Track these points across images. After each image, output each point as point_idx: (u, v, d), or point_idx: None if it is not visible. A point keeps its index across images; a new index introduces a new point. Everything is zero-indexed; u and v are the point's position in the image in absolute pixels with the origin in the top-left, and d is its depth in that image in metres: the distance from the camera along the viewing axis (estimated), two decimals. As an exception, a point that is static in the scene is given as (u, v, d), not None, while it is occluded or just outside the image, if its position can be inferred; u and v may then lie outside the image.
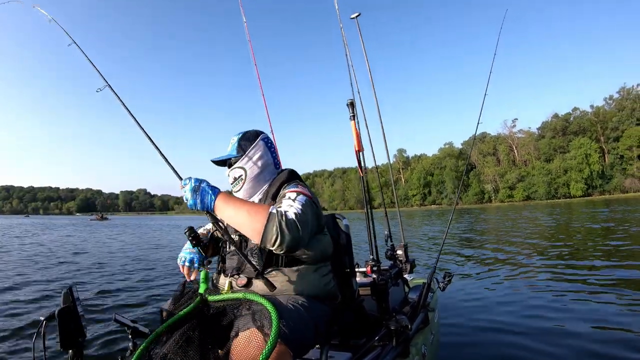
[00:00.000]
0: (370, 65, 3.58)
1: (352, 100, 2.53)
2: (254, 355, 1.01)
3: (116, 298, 5.25)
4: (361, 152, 2.55)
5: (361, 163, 2.56)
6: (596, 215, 18.29)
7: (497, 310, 3.89)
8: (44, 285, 5.99)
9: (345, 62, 3.17)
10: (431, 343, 2.28)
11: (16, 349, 3.27)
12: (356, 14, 3.56)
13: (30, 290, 5.61)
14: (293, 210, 1.21)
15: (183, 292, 1.39)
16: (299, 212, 1.21)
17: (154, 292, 5.64)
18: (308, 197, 1.34)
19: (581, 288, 4.58)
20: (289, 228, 1.14)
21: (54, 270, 7.65)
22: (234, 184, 1.53)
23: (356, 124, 2.52)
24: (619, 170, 62.33)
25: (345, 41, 3.27)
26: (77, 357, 1.23)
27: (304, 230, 1.19)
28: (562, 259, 6.71)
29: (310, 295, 1.34)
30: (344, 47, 3.25)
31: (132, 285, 6.12)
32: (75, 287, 1.30)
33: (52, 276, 6.88)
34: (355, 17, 3.57)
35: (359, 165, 2.56)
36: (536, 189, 66.90)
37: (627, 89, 65.86)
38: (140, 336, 1.41)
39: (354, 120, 2.52)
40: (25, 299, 5.04)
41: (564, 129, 70.18)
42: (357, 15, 3.56)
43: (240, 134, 1.58)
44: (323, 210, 1.56)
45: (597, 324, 3.25)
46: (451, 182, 76.74)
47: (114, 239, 17.16)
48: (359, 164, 2.56)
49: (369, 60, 3.59)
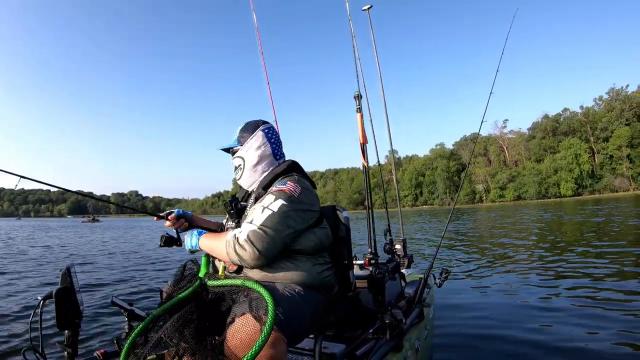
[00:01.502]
0: (379, 59, 3.54)
1: (358, 93, 2.50)
2: (249, 341, 1.02)
3: (114, 281, 5.30)
4: (365, 145, 2.54)
5: (365, 154, 2.55)
6: (596, 212, 18.38)
7: (493, 309, 3.90)
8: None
9: (353, 54, 3.13)
10: (425, 338, 2.29)
11: (13, 327, 3.30)
12: (368, 6, 3.47)
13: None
14: (248, 229, 1.28)
15: (183, 274, 1.41)
16: (257, 229, 1.27)
17: (153, 277, 5.69)
18: (289, 196, 1.35)
19: (578, 284, 4.60)
20: (243, 249, 1.24)
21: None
22: (235, 172, 1.60)
23: (362, 116, 2.51)
24: (609, 169, 63.29)
25: (353, 34, 3.22)
26: (73, 337, 1.24)
27: (263, 242, 1.25)
28: (558, 256, 6.72)
29: (305, 284, 1.35)
30: (352, 39, 3.19)
31: (131, 271, 6.18)
32: (73, 267, 1.30)
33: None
34: (367, 9, 3.48)
35: (362, 156, 2.55)
36: (527, 189, 67.86)
37: (617, 90, 66.86)
38: (137, 319, 1.42)
39: (360, 112, 2.50)
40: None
41: (554, 129, 71.17)
42: (369, 8, 3.47)
43: (243, 125, 1.63)
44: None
45: (597, 324, 3.26)
46: (443, 182, 77.97)
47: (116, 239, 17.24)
48: (363, 155, 2.55)
49: (378, 54, 3.55)
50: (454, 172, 79.77)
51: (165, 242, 1.53)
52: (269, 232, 1.26)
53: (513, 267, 6.23)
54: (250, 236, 1.25)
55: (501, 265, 6.56)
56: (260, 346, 0.98)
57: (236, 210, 1.51)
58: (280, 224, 1.29)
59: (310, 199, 1.43)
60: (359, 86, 2.98)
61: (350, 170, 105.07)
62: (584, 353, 2.74)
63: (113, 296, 1.49)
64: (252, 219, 1.31)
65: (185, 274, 1.43)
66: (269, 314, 1.03)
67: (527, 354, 2.78)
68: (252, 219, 1.31)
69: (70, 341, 1.23)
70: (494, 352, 2.84)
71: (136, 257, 9.04)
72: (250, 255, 1.23)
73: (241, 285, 1.20)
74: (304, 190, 1.42)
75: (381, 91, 3.55)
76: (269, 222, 1.28)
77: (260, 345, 0.98)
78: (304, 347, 1.61)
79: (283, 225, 1.30)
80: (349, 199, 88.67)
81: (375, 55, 3.55)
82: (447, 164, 79.72)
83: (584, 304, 3.86)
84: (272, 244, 1.26)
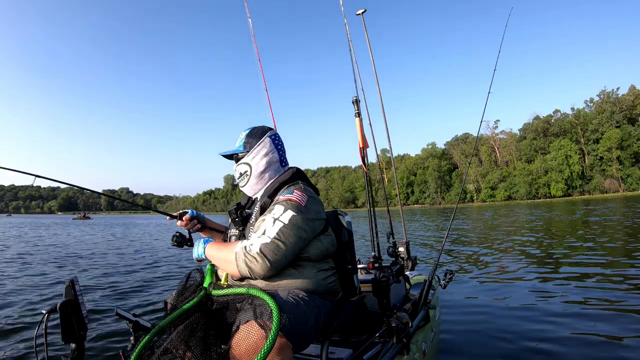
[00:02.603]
0: (374, 63, 3.56)
1: (356, 98, 2.50)
2: (255, 349, 1.02)
3: (118, 292, 5.28)
4: (366, 149, 2.54)
5: (365, 160, 2.55)
6: (590, 212, 18.36)
7: (499, 309, 3.88)
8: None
9: (350, 58, 3.13)
10: (432, 340, 2.28)
11: (18, 342, 3.28)
12: (362, 10, 3.50)
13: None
14: (261, 242, 1.26)
15: (186, 284, 1.40)
16: (269, 241, 1.26)
17: (158, 286, 5.67)
18: (298, 207, 1.34)
19: (587, 285, 4.57)
20: (255, 262, 1.23)
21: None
22: (239, 179, 1.56)
23: (361, 121, 2.51)
24: (599, 171, 64.27)
25: (350, 38, 3.24)
26: (78, 350, 1.23)
27: (276, 254, 1.25)
28: (565, 257, 6.70)
29: (310, 290, 1.35)
30: (349, 43, 3.21)
31: (135, 280, 6.16)
32: (77, 280, 1.30)
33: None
34: (361, 14, 3.51)
35: (362, 162, 2.55)
36: (517, 189, 68.75)
37: (607, 93, 67.98)
38: (142, 330, 1.42)
39: (359, 117, 2.50)
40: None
41: (545, 130, 72.15)
42: (362, 12, 3.50)
43: (248, 130, 1.59)
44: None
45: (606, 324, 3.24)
46: (434, 182, 78.87)
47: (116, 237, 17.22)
48: (362, 160, 2.54)
49: (374, 58, 3.56)
50: (445, 172, 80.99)
51: (177, 241, 1.55)
52: (282, 245, 1.26)
53: (518, 267, 6.21)
54: (263, 249, 1.24)
55: (506, 264, 6.53)
56: (265, 353, 0.98)
57: (241, 218, 1.49)
58: (292, 236, 1.29)
59: (317, 208, 1.43)
60: (357, 90, 2.98)
61: (342, 169, 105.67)
62: (594, 354, 2.72)
63: (117, 307, 1.48)
64: (265, 230, 1.29)
65: (189, 283, 1.42)
66: (273, 320, 1.03)
67: (534, 353, 2.76)
68: (264, 230, 1.30)
69: (75, 354, 1.23)
70: (500, 353, 2.82)
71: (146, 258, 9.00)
72: (262, 267, 1.23)
73: (245, 294, 1.19)
74: (310, 199, 1.41)
75: (378, 94, 3.56)
76: (282, 235, 1.27)
77: (265, 352, 0.98)
78: (310, 352, 1.61)
79: (295, 237, 1.30)
80: (341, 197, 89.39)
81: (371, 58, 3.57)
82: (438, 164, 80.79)
83: (596, 304, 3.82)
84: (284, 256, 1.27)
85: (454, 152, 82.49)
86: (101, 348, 3.17)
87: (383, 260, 2.37)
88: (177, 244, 1.55)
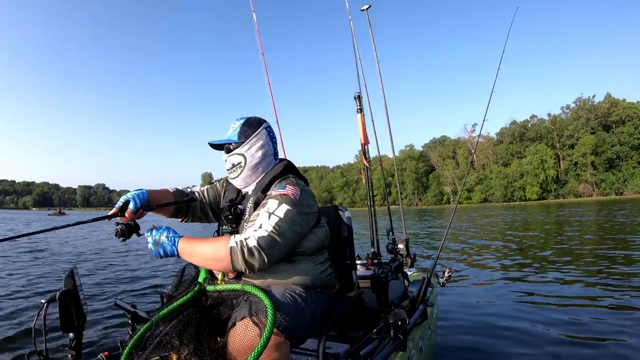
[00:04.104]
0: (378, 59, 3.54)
1: (359, 93, 2.50)
2: (250, 346, 1.02)
3: (118, 282, 5.31)
4: (367, 145, 2.54)
5: (366, 155, 2.55)
6: (574, 214, 18.50)
7: (496, 307, 3.89)
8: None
9: (353, 54, 3.12)
10: (429, 337, 2.29)
11: (17, 331, 3.31)
12: (367, 6, 3.47)
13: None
14: (257, 235, 1.21)
15: (181, 277, 1.39)
16: (266, 234, 1.22)
17: (156, 279, 5.69)
18: (292, 201, 1.31)
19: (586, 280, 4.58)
20: (253, 256, 1.18)
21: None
22: (231, 170, 1.49)
23: (363, 117, 2.51)
24: (573, 175, 65.74)
25: (354, 33, 3.22)
26: (77, 340, 1.23)
27: (274, 248, 1.22)
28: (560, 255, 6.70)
29: (306, 285, 1.34)
30: (352, 39, 3.19)
31: (133, 272, 6.19)
32: (77, 270, 1.30)
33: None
34: (366, 10, 3.48)
35: (364, 157, 2.55)
36: (493, 192, 69.94)
37: (584, 100, 69.69)
38: (140, 321, 1.42)
39: (361, 113, 2.50)
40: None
41: (522, 135, 73.21)
42: (367, 8, 3.47)
43: (243, 120, 1.52)
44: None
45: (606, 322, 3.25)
46: (411, 183, 79.90)
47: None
48: (364, 156, 2.55)
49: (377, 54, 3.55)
50: (423, 173, 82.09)
51: (122, 234, 1.30)
52: (279, 239, 1.23)
53: (515, 265, 6.22)
54: (261, 242, 1.20)
55: (502, 262, 6.54)
56: (260, 350, 0.98)
57: (235, 215, 1.41)
58: (289, 230, 1.26)
59: (310, 201, 1.40)
60: (359, 86, 2.98)
61: (320, 169, 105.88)
62: (594, 352, 2.72)
63: (116, 298, 1.48)
64: (261, 225, 1.25)
65: (183, 278, 1.39)
66: (268, 317, 1.03)
67: (532, 351, 2.77)
68: (260, 224, 1.26)
69: (74, 344, 1.23)
70: (497, 351, 2.83)
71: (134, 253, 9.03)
72: (259, 262, 1.19)
73: (240, 290, 1.18)
74: (303, 192, 1.38)
75: (381, 90, 3.55)
76: (279, 228, 1.24)
77: (260, 350, 0.98)
78: (307, 347, 1.61)
79: (291, 231, 1.28)
80: (318, 197, 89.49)
81: (374, 54, 3.55)
82: (416, 165, 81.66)
83: (596, 304, 3.83)
84: (279, 251, 1.24)
85: (431, 154, 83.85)
86: (100, 338, 3.20)
87: (382, 256, 2.37)
88: (123, 237, 1.31)
